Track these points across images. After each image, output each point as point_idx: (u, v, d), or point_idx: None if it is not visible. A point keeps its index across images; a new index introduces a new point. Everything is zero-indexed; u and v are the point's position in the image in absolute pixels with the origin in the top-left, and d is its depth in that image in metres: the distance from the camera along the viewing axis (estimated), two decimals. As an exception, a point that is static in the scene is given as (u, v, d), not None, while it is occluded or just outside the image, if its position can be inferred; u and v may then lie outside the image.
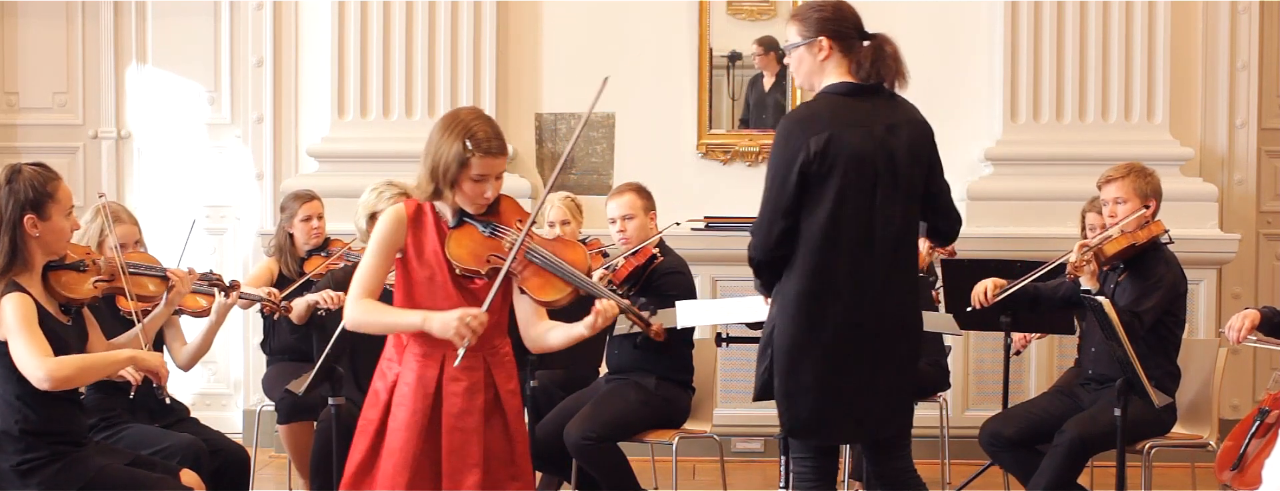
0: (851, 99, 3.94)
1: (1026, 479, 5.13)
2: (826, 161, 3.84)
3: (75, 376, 3.92)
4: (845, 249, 3.89)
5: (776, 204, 3.89)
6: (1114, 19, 7.00)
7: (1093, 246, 5.06)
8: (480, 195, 3.64)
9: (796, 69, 4.02)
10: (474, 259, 3.63)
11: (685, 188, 7.05)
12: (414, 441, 3.64)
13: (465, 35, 7.09)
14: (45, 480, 3.99)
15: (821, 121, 3.88)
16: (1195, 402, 5.38)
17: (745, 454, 6.99)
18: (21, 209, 3.96)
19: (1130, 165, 5.26)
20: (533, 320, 3.76)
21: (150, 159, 7.65)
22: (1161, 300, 5.05)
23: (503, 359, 3.74)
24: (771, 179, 3.92)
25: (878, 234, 3.91)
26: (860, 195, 3.88)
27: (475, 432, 3.65)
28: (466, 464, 3.64)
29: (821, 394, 3.94)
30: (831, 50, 3.95)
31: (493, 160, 3.62)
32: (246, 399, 7.39)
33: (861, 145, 3.87)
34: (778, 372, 3.96)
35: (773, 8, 7.19)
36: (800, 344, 3.91)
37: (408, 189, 5.50)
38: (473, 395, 3.66)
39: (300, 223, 6.02)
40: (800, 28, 3.98)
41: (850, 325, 3.91)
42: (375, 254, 3.69)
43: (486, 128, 3.63)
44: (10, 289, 3.93)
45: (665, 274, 5.44)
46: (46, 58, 7.61)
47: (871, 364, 3.94)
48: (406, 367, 3.69)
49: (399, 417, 3.66)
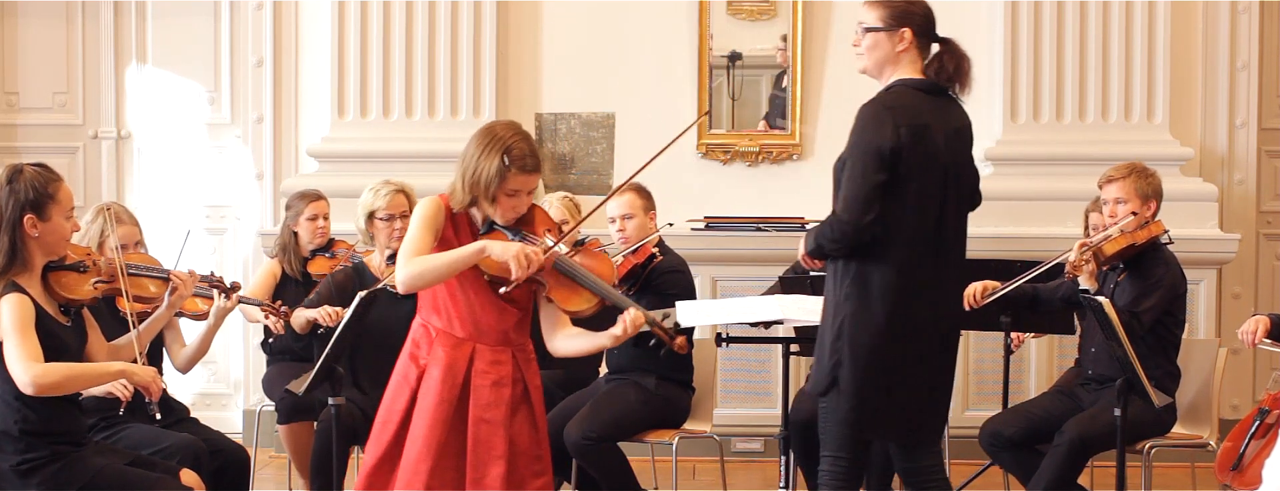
0: (929, 96, 3.96)
1: (1026, 479, 5.13)
2: (911, 153, 3.85)
3: (62, 383, 3.91)
4: (925, 247, 3.92)
5: (872, 183, 3.84)
6: (1114, 19, 7.00)
7: (1092, 246, 5.06)
8: (513, 209, 3.72)
9: (869, 52, 4.00)
10: (500, 267, 3.66)
11: (685, 187, 7.04)
12: (439, 429, 3.65)
13: (465, 35, 7.09)
14: (45, 480, 3.99)
15: (910, 112, 3.89)
16: (1195, 402, 5.38)
17: (745, 454, 6.99)
18: (22, 209, 3.96)
19: (1131, 165, 5.26)
20: (556, 326, 3.80)
21: (150, 159, 7.65)
22: (1161, 300, 5.05)
23: (529, 355, 3.79)
24: (861, 161, 3.87)
25: (948, 235, 3.97)
26: (933, 195, 3.92)
27: (501, 425, 3.67)
28: (491, 456, 3.65)
29: (901, 391, 3.95)
30: (911, 44, 3.97)
31: (529, 177, 3.70)
32: (246, 399, 7.39)
33: (938, 145, 3.91)
34: (853, 365, 3.92)
35: (773, 8, 7.19)
36: (883, 338, 3.90)
37: (406, 187, 5.53)
38: (500, 387, 3.69)
39: (306, 222, 6.02)
40: (884, 13, 3.98)
41: (930, 323, 3.95)
42: (420, 230, 3.72)
43: (524, 145, 3.71)
44: (9, 289, 3.93)
45: (664, 273, 5.44)
46: (46, 58, 7.61)
47: (938, 364, 4.01)
48: (434, 358, 3.70)
49: (425, 406, 3.68)
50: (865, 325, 3.92)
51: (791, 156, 7.22)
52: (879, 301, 3.90)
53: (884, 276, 3.90)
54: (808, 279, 5.24)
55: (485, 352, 3.70)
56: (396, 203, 5.46)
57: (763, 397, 6.96)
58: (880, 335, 3.91)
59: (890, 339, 3.91)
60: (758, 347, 6.74)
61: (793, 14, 7.14)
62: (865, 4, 4.05)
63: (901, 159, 3.85)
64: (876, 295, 3.91)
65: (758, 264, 6.60)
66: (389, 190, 5.47)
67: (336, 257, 5.93)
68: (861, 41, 4.03)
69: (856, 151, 3.90)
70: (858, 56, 4.06)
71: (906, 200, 3.88)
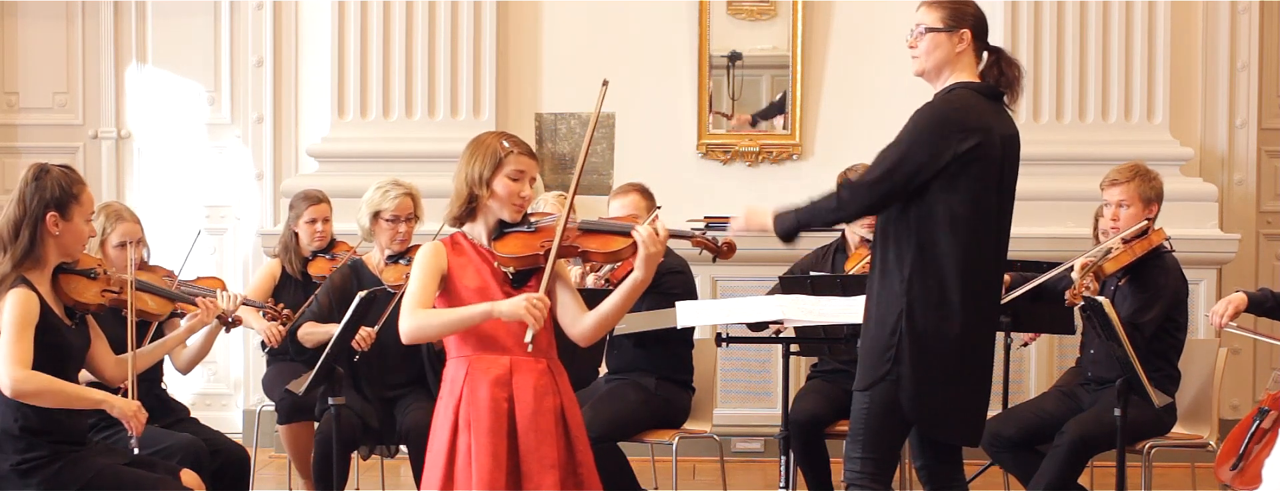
0: (988, 101, 3.97)
1: (1027, 479, 5.13)
2: (975, 154, 3.85)
3: (40, 394, 3.93)
4: (986, 250, 3.93)
5: (908, 172, 3.83)
6: (1114, 19, 7.00)
7: (1092, 267, 5.00)
8: (517, 194, 3.68)
9: (928, 54, 3.98)
10: (527, 249, 3.66)
11: (685, 188, 7.04)
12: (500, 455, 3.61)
13: (465, 35, 7.09)
14: (45, 479, 3.99)
15: (975, 114, 3.89)
16: (1195, 402, 5.38)
17: (745, 454, 6.99)
18: (46, 206, 4.01)
19: (1135, 168, 5.22)
20: (577, 314, 3.75)
21: (150, 159, 7.65)
22: (1162, 310, 5.05)
23: (560, 368, 3.76)
24: (908, 154, 3.84)
25: (1001, 237, 4.00)
26: (990, 197, 3.93)
27: (550, 435, 3.64)
28: (544, 465, 3.63)
29: (968, 389, 3.95)
30: (969, 46, 3.96)
31: (529, 160, 3.71)
32: (246, 399, 7.39)
33: (997, 148, 3.92)
34: (913, 362, 3.89)
35: (773, 8, 7.19)
36: (945, 338, 3.88)
37: (414, 190, 5.51)
38: (542, 397, 3.65)
39: (305, 225, 6.00)
40: (945, 14, 3.97)
41: (987, 324, 3.97)
42: (421, 276, 3.66)
43: (516, 137, 3.74)
44: (19, 284, 3.95)
45: (667, 273, 5.43)
46: (46, 58, 7.61)
47: (986, 366, 4.01)
48: (478, 384, 3.65)
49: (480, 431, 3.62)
50: (928, 322, 3.87)
51: (791, 156, 7.22)
52: (948, 300, 3.87)
53: (945, 277, 3.87)
54: (808, 279, 5.24)
55: (523, 364, 3.67)
56: (404, 206, 5.42)
57: (763, 397, 6.97)
58: (940, 334, 3.88)
59: (956, 338, 3.89)
60: (758, 347, 6.74)
61: (793, 14, 7.14)
62: (923, 5, 4.02)
63: (964, 164, 3.84)
64: (943, 293, 3.87)
65: (758, 264, 6.58)
66: (398, 193, 5.42)
67: (337, 259, 5.92)
68: (919, 43, 3.99)
69: (912, 143, 3.86)
70: (914, 58, 4.02)
71: (969, 201, 3.87)
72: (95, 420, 4.61)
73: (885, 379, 3.92)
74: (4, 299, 3.93)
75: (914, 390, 3.90)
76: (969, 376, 3.96)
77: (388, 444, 5.41)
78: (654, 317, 5.13)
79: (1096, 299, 4.65)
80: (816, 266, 5.63)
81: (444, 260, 3.69)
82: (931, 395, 3.91)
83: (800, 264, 5.74)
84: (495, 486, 3.57)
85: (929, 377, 3.89)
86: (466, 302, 3.65)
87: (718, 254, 3.77)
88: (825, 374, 5.64)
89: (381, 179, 5.58)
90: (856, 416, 4.01)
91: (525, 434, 3.63)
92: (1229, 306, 4.74)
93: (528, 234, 3.70)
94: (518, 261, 3.66)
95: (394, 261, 5.41)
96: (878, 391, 3.94)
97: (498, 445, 3.60)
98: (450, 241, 3.74)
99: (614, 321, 3.74)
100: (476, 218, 3.72)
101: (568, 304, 3.74)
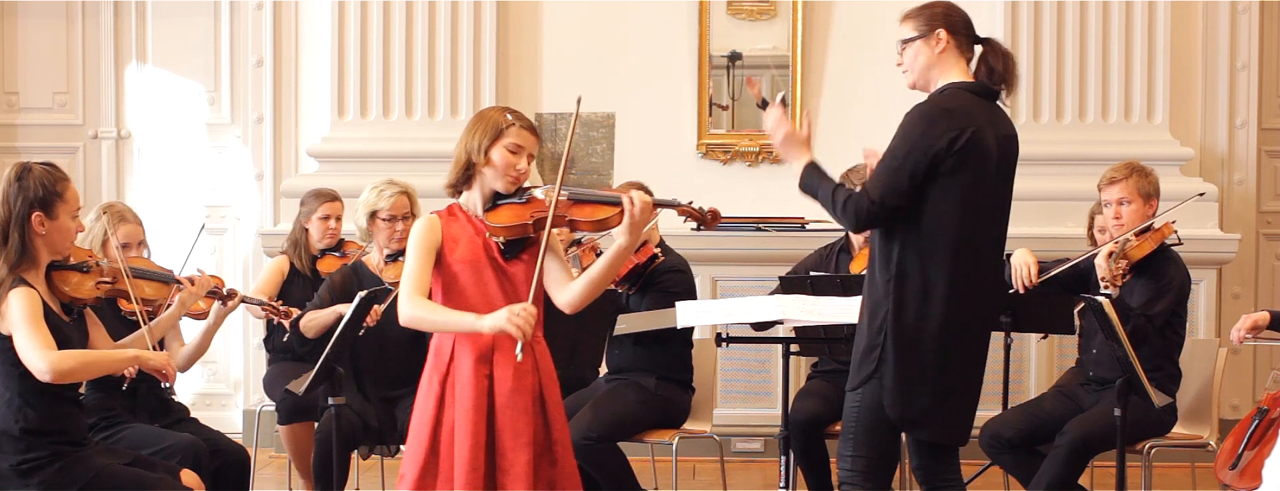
0: (980, 99, 3.94)
1: (1027, 479, 5.13)
2: (964, 153, 3.82)
3: (78, 369, 3.94)
4: (977, 249, 3.91)
5: (905, 177, 3.81)
6: (1114, 19, 7.00)
7: (1118, 254, 5.03)
8: (513, 167, 3.73)
9: (912, 65, 3.97)
10: (517, 219, 3.72)
11: (685, 188, 7.01)
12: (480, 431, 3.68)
13: (465, 35, 7.10)
14: (45, 480, 3.99)
15: (964, 114, 3.85)
16: (1195, 402, 5.38)
17: (745, 454, 6.99)
18: (30, 206, 4.00)
19: (1131, 165, 5.26)
20: (565, 280, 3.80)
21: (150, 159, 7.65)
22: (1172, 302, 5.08)
23: (544, 348, 3.81)
24: (904, 156, 3.82)
25: (998, 235, 3.99)
26: (985, 196, 3.91)
27: (526, 412, 3.70)
28: (519, 442, 3.67)
29: (953, 389, 3.93)
30: (949, 44, 3.94)
31: (529, 135, 3.77)
32: (246, 399, 7.39)
33: (991, 147, 3.89)
34: (894, 362, 3.87)
35: (773, 8, 7.19)
36: (926, 338, 3.86)
37: (409, 189, 5.53)
38: (521, 376, 3.70)
39: (318, 220, 6.02)
40: (915, 23, 3.96)
41: (977, 323, 3.95)
42: (416, 254, 3.74)
43: (520, 113, 3.81)
44: (16, 284, 3.95)
45: (666, 272, 5.44)
46: (46, 58, 7.61)
47: (973, 366, 3.99)
48: (461, 360, 3.72)
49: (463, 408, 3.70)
50: (911, 321, 3.86)
51: (792, 156, 7.21)
52: (931, 299, 3.85)
53: (934, 276, 3.85)
54: (808, 279, 5.24)
55: (505, 342, 3.69)
56: (399, 204, 5.45)
57: (763, 397, 6.97)
58: (931, 333, 3.86)
59: (941, 337, 3.87)
60: (758, 347, 6.74)
61: (793, 14, 7.15)
62: (898, 21, 4.02)
63: (954, 160, 3.81)
64: (925, 292, 3.85)
65: (758, 264, 6.60)
66: (393, 192, 5.46)
67: (346, 257, 5.93)
68: (902, 59, 4.00)
69: (902, 146, 3.84)
70: (904, 74, 4.02)
71: (958, 199, 3.85)
72: (95, 420, 4.62)
73: (872, 378, 3.93)
74: (6, 300, 3.93)
75: (894, 390, 3.90)
76: (952, 376, 3.92)
77: (388, 444, 5.41)
78: (654, 317, 5.13)
79: (1097, 299, 4.65)
80: (820, 266, 5.63)
81: (438, 233, 3.76)
82: (910, 395, 3.90)
83: (803, 264, 5.73)
84: (475, 464, 3.64)
85: (908, 377, 3.88)
86: (457, 275, 3.73)
87: (702, 222, 3.80)
88: (825, 374, 5.64)
89: (377, 179, 5.60)
90: (848, 416, 4.02)
91: (502, 411, 3.70)
92: (1248, 321, 4.73)
93: (519, 205, 3.76)
94: (508, 231, 3.72)
95: (393, 260, 5.42)
96: (866, 391, 3.95)
97: (478, 422, 3.68)
98: (446, 211, 3.81)
99: (600, 288, 3.78)
100: (472, 185, 3.79)
101: (555, 272, 3.79)
